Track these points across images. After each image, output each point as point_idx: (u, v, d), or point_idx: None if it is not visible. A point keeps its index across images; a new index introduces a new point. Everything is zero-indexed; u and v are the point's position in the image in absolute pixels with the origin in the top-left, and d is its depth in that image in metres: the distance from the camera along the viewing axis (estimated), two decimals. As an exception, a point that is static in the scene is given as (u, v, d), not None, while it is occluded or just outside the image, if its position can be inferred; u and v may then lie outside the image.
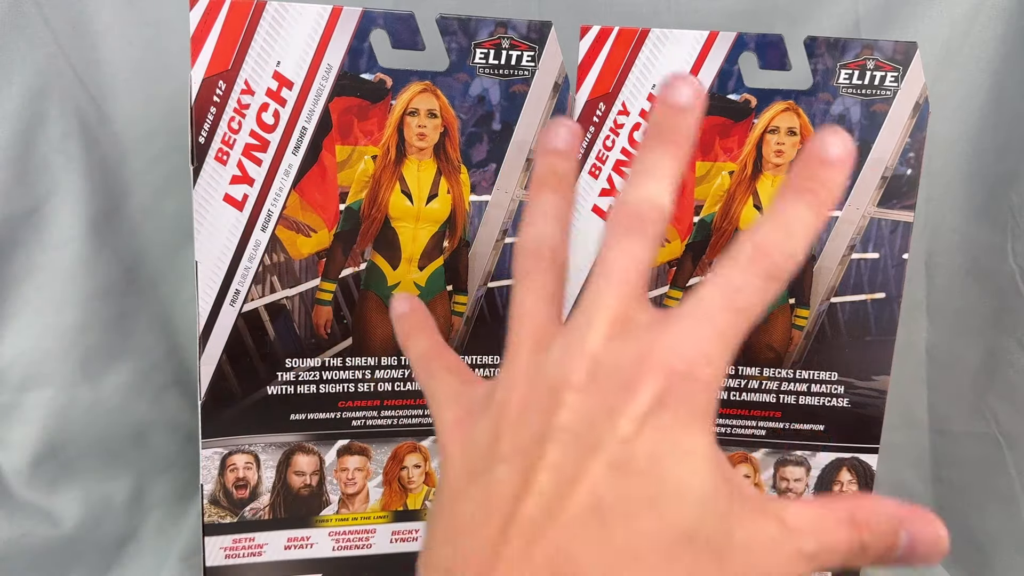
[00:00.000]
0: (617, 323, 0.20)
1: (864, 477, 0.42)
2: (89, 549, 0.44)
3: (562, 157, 0.24)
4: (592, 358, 0.20)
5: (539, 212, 0.23)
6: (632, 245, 0.21)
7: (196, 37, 0.35)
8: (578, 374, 0.20)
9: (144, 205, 0.46)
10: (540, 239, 0.23)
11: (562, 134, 0.24)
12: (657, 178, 0.21)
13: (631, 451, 0.19)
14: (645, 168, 0.21)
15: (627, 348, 0.20)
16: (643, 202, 0.21)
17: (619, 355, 0.20)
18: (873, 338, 0.41)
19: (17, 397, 0.43)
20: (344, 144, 0.37)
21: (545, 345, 0.21)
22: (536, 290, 0.23)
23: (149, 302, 0.48)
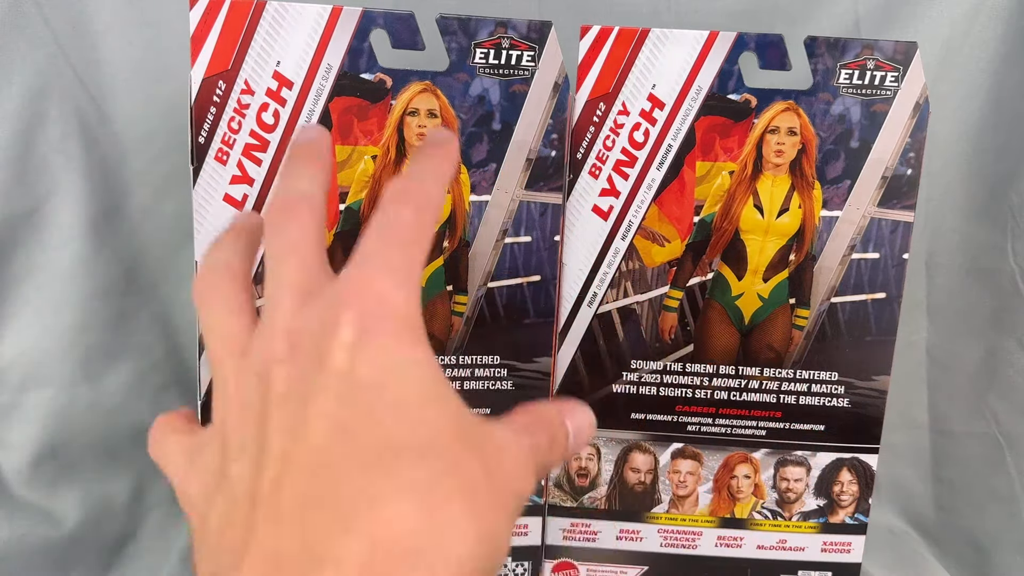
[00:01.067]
0: (302, 293, 0.21)
1: (864, 477, 0.42)
2: (89, 549, 0.45)
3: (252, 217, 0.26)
4: (287, 330, 0.20)
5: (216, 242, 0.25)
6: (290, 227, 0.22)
7: (196, 37, 0.35)
8: (279, 349, 0.20)
9: (144, 205, 0.46)
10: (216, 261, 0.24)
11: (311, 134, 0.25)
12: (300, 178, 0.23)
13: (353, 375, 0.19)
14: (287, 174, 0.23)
15: (317, 307, 0.20)
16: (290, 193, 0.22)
17: (312, 316, 0.20)
18: (873, 338, 0.41)
19: (17, 397, 0.43)
20: (344, 144, 0.37)
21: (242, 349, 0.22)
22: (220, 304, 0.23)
23: (149, 302, 0.48)
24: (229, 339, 0.22)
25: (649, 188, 0.40)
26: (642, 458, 0.43)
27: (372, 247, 0.21)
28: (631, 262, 0.40)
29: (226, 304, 0.23)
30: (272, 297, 0.21)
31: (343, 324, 0.19)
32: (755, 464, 0.42)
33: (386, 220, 0.21)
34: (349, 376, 0.19)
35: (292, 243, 0.22)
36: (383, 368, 0.19)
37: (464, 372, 0.40)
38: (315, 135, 0.24)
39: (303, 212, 0.22)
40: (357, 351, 0.19)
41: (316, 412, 0.19)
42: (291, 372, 0.20)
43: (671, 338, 0.41)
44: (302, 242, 0.22)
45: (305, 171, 0.23)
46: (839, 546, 0.43)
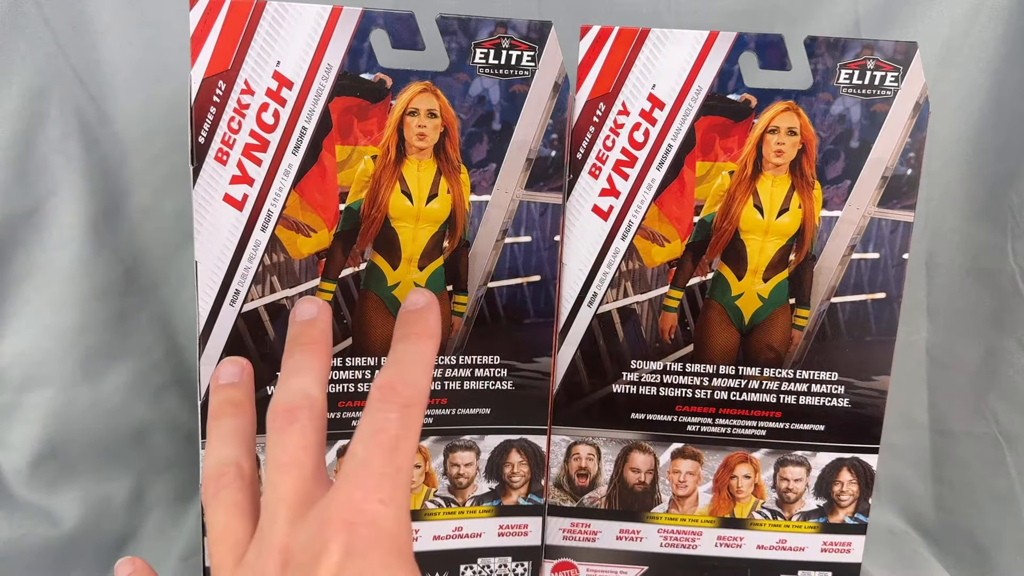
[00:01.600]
0: (297, 507, 0.22)
1: (864, 477, 0.42)
2: (89, 549, 0.45)
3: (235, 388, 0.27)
4: (281, 549, 0.22)
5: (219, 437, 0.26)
6: (292, 435, 0.23)
7: (196, 37, 0.35)
8: (271, 568, 0.21)
9: (144, 205, 0.46)
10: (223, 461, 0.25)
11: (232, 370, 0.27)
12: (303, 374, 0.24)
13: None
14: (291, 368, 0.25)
15: (309, 525, 0.21)
16: (294, 395, 0.24)
17: (304, 534, 0.21)
18: (873, 338, 0.41)
19: (17, 397, 0.43)
20: (344, 144, 0.37)
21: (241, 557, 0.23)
22: (228, 508, 0.24)
23: (149, 302, 0.48)
24: (233, 545, 0.23)
25: (649, 188, 0.40)
26: (642, 458, 0.43)
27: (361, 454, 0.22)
28: (631, 262, 0.40)
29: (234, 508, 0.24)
30: (269, 508, 0.23)
31: (331, 548, 0.20)
32: (755, 464, 0.42)
33: (373, 425, 0.23)
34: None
35: (292, 455, 0.23)
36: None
37: (464, 372, 0.40)
38: (315, 312, 0.26)
39: (304, 419, 0.23)
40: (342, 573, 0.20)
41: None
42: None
43: (671, 338, 0.41)
44: (302, 453, 0.23)
45: (306, 364, 0.25)
46: (839, 546, 0.43)
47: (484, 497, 0.42)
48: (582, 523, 0.43)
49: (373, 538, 0.21)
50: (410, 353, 0.25)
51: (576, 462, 0.42)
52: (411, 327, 0.26)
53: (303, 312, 0.27)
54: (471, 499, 0.42)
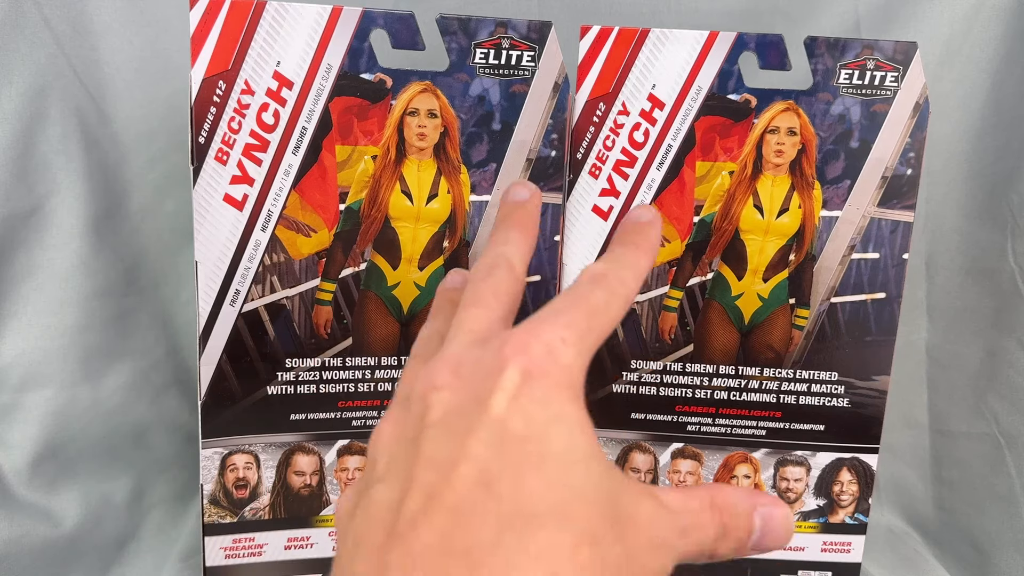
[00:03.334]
0: (477, 334, 0.22)
1: (864, 477, 0.42)
2: (89, 549, 0.44)
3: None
4: (453, 360, 0.21)
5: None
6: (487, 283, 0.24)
7: (196, 37, 0.35)
8: (441, 376, 0.21)
9: (144, 205, 0.46)
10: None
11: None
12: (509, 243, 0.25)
13: (507, 424, 0.19)
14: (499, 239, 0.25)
15: (489, 347, 0.21)
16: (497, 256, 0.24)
17: (481, 353, 0.21)
18: (873, 338, 0.41)
19: (17, 397, 0.43)
20: (344, 144, 0.37)
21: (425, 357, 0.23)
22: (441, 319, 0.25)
23: (149, 302, 0.48)
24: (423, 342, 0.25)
25: (649, 188, 0.40)
26: (642, 458, 0.43)
27: (558, 306, 0.22)
28: (631, 262, 0.40)
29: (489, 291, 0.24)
30: (450, 335, 0.22)
31: (508, 367, 0.20)
32: (755, 464, 0.42)
33: (578, 291, 0.22)
34: (503, 424, 0.19)
35: (481, 295, 0.23)
36: (536, 421, 0.20)
37: (464, 372, 0.40)
38: (527, 195, 0.27)
39: (500, 273, 0.24)
40: (516, 399, 0.20)
41: (465, 455, 0.19)
42: (450, 401, 0.20)
43: (671, 338, 0.41)
44: (491, 297, 0.23)
45: (513, 237, 0.25)
46: (839, 546, 0.43)
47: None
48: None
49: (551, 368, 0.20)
50: (628, 257, 0.24)
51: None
52: (633, 236, 0.25)
53: (516, 193, 0.27)
54: (471, 499, 0.42)
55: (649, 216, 0.26)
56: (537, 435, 0.19)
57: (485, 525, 0.18)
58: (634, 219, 0.26)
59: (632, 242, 0.25)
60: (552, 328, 0.21)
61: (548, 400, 0.20)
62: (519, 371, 0.20)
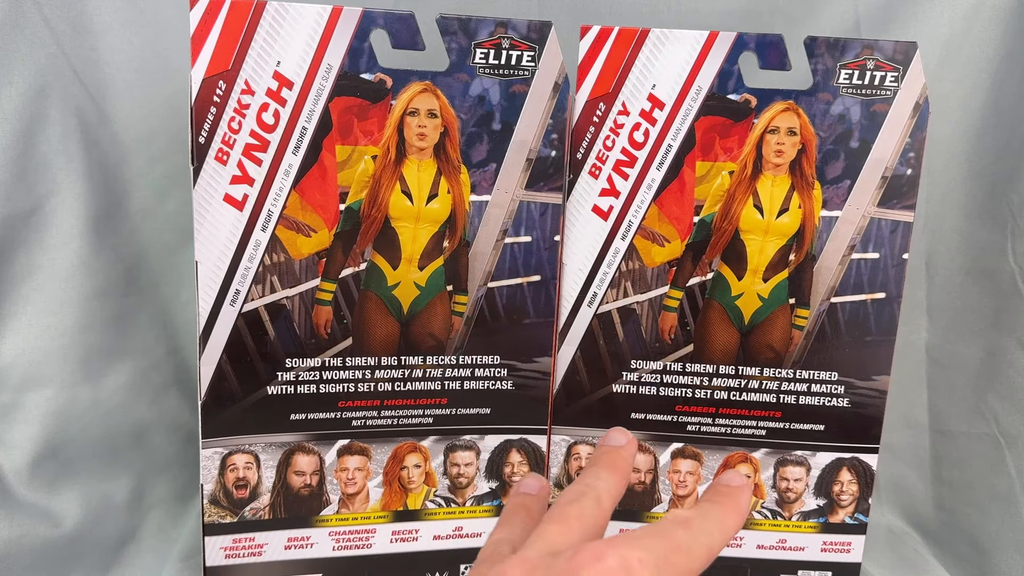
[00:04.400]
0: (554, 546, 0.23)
1: (864, 477, 0.42)
2: (89, 549, 0.44)
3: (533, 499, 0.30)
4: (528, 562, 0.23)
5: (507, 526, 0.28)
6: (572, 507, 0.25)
7: (196, 37, 0.35)
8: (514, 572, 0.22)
9: (144, 205, 0.46)
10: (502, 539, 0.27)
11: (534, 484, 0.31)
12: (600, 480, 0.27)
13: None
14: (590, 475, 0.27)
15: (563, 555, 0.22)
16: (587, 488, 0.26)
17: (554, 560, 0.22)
18: (873, 338, 0.41)
19: (17, 397, 0.43)
20: (344, 144, 0.37)
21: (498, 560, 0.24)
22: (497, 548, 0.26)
23: (149, 302, 0.48)
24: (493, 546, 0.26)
25: (649, 188, 0.40)
26: (642, 458, 0.43)
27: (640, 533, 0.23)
28: (631, 262, 0.40)
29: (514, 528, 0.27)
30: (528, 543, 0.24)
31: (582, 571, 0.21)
32: (755, 464, 0.42)
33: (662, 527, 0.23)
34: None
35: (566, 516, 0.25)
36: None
37: (464, 372, 0.40)
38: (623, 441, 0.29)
39: (587, 501, 0.26)
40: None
41: None
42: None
43: (671, 338, 0.41)
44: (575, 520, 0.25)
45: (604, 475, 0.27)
46: (839, 546, 0.43)
47: (484, 497, 0.42)
48: (582, 523, 0.43)
49: None
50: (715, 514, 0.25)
51: (576, 462, 0.42)
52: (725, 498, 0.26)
53: (614, 440, 0.30)
54: (471, 499, 0.42)
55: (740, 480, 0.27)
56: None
57: None
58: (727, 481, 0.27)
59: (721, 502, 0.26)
60: (630, 547, 0.22)
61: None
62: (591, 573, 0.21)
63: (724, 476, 0.28)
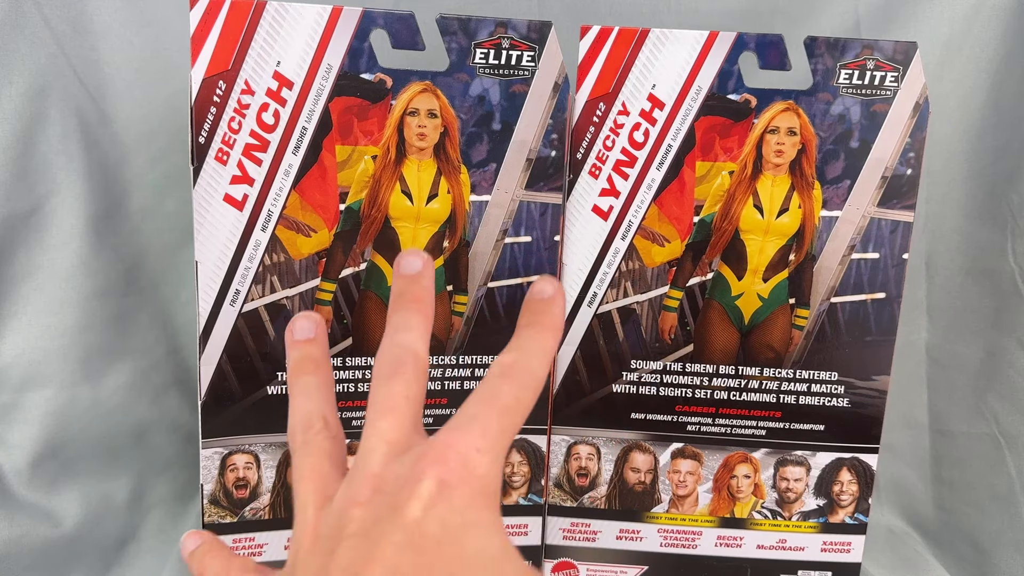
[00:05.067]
0: (395, 445, 0.23)
1: (864, 477, 0.42)
2: (89, 549, 0.44)
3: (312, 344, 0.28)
4: (374, 476, 0.22)
5: (303, 393, 0.27)
6: (396, 384, 0.24)
7: (196, 37, 0.35)
8: (363, 492, 0.22)
9: (144, 205, 0.46)
10: (310, 414, 0.26)
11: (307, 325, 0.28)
12: (409, 330, 0.25)
13: (421, 527, 0.20)
14: (397, 324, 0.25)
15: (406, 460, 0.22)
16: (401, 348, 0.25)
17: (399, 467, 0.22)
18: (873, 338, 0.41)
19: (17, 397, 0.43)
20: (344, 144, 0.37)
21: (329, 495, 0.23)
22: (315, 453, 0.25)
23: (149, 302, 0.48)
24: (322, 485, 0.24)
25: (649, 188, 0.40)
26: (642, 458, 0.43)
27: (471, 412, 0.23)
28: (631, 262, 0.40)
29: (323, 453, 0.25)
30: (366, 446, 0.23)
31: (425, 478, 0.21)
32: (755, 464, 0.42)
33: (488, 392, 0.23)
34: (417, 527, 0.20)
35: (394, 400, 0.24)
36: (451, 526, 0.21)
37: (464, 372, 0.40)
38: (419, 267, 0.26)
39: (408, 370, 0.24)
40: (431, 506, 0.21)
41: (379, 555, 0.20)
42: (367, 514, 0.21)
43: (671, 338, 0.41)
44: (404, 401, 0.24)
45: (413, 320, 0.25)
46: (839, 546, 0.43)
47: (484, 497, 0.42)
48: (582, 523, 0.43)
49: (467, 477, 0.21)
50: (534, 341, 0.25)
51: (576, 462, 0.42)
52: (538, 316, 0.26)
53: (408, 266, 0.27)
54: (471, 499, 0.42)
55: (551, 291, 0.26)
56: (451, 538, 0.20)
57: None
58: (536, 295, 0.26)
59: (536, 322, 0.25)
60: (467, 438, 0.22)
61: (464, 507, 0.21)
62: (435, 481, 0.21)
63: (535, 286, 0.26)
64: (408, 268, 0.27)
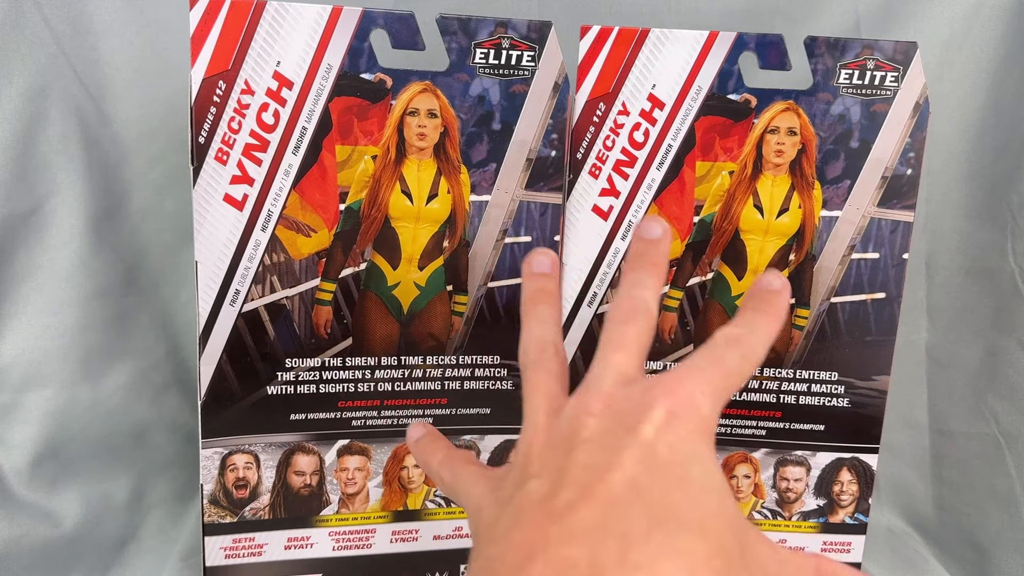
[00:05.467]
0: (624, 376, 0.25)
1: (864, 477, 0.42)
2: (89, 549, 0.44)
3: (548, 278, 0.30)
4: (606, 395, 0.24)
5: (537, 320, 0.29)
6: (631, 327, 0.26)
7: (196, 37, 0.35)
8: (595, 405, 0.24)
9: (144, 205, 0.46)
10: (544, 339, 0.28)
11: (544, 260, 0.30)
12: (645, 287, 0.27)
13: (654, 447, 0.22)
14: (634, 280, 0.27)
15: (636, 388, 0.24)
16: (636, 300, 0.27)
17: (629, 392, 0.24)
18: (873, 338, 0.41)
19: (17, 397, 0.43)
20: (344, 144, 0.37)
21: (559, 408, 0.25)
22: (547, 370, 0.27)
23: (149, 302, 0.48)
24: (550, 396, 0.26)
25: (649, 188, 0.40)
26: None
27: (700, 363, 0.24)
28: (631, 262, 0.40)
29: (553, 372, 0.27)
30: (596, 373, 0.25)
31: (657, 406, 0.23)
32: (755, 464, 0.42)
33: (713, 353, 0.25)
34: (651, 447, 0.22)
35: (627, 339, 0.26)
36: (679, 452, 0.22)
37: (464, 372, 0.40)
38: (660, 233, 0.28)
39: (642, 319, 0.26)
40: (662, 431, 0.22)
41: (618, 463, 0.22)
42: (600, 425, 0.23)
43: (671, 338, 0.41)
44: (635, 341, 0.26)
45: (648, 280, 0.27)
46: (839, 546, 0.43)
47: (484, 497, 0.42)
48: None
49: (693, 413, 0.23)
50: (761, 324, 0.26)
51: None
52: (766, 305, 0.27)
53: (649, 230, 0.28)
54: (471, 499, 0.42)
55: (779, 284, 0.27)
56: (680, 462, 0.22)
57: (638, 518, 0.20)
58: (765, 286, 0.27)
59: (764, 309, 0.27)
60: (695, 382, 0.23)
61: (689, 438, 0.22)
62: (665, 410, 0.22)
63: (763, 278, 0.27)
64: (649, 232, 0.28)
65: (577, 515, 0.21)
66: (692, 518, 0.21)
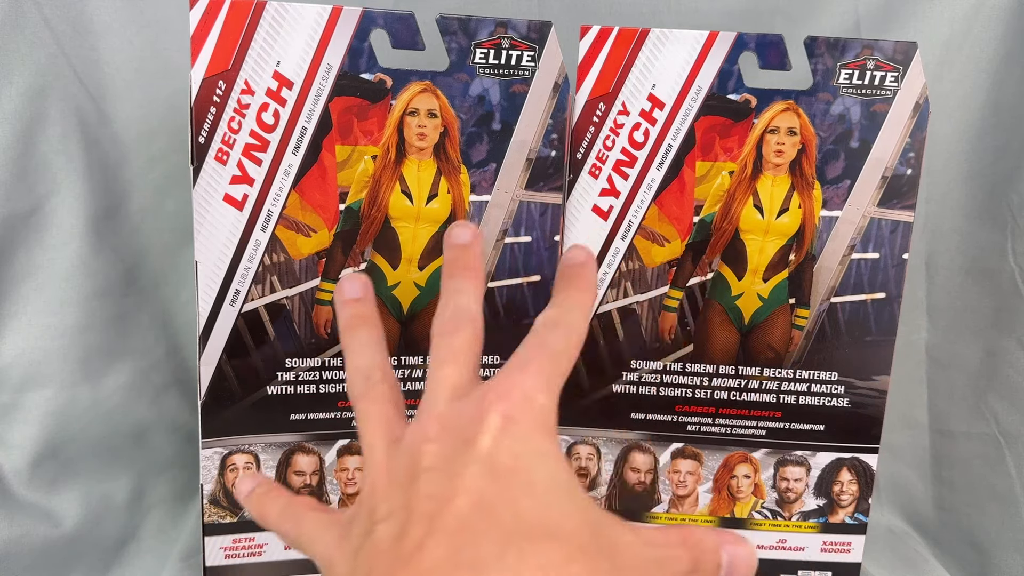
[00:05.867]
0: (457, 390, 0.24)
1: (864, 477, 0.42)
2: (89, 549, 0.44)
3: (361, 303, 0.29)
4: (441, 415, 0.24)
5: (358, 348, 0.28)
6: (455, 339, 0.26)
7: (196, 37, 0.35)
8: (431, 430, 0.23)
9: (144, 205, 0.46)
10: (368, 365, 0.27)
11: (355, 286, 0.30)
12: (465, 293, 0.27)
13: (495, 458, 0.22)
14: (453, 288, 0.27)
15: (469, 401, 0.24)
16: (458, 309, 0.27)
17: (463, 407, 0.24)
18: (873, 338, 0.41)
19: (17, 397, 0.43)
20: (344, 144, 0.37)
21: (398, 438, 0.25)
22: (378, 399, 0.26)
23: (149, 302, 0.48)
24: (386, 425, 0.26)
25: (649, 188, 0.40)
26: (642, 458, 0.43)
27: (527, 354, 0.25)
28: (631, 262, 0.40)
29: (385, 399, 0.26)
30: (430, 391, 0.25)
31: (492, 413, 0.23)
32: (755, 464, 0.42)
33: (537, 341, 0.25)
34: (492, 458, 0.22)
35: (454, 352, 0.26)
36: (521, 455, 0.22)
37: (464, 372, 0.40)
38: (469, 237, 0.29)
39: (467, 328, 0.26)
40: (500, 438, 0.22)
41: (461, 485, 0.21)
42: (440, 449, 0.23)
43: (671, 338, 0.41)
44: (463, 352, 0.26)
45: (468, 286, 0.27)
46: (839, 546, 0.43)
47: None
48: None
49: (528, 411, 0.23)
50: (572, 299, 0.27)
51: (576, 462, 0.42)
52: (573, 280, 0.27)
53: (459, 236, 0.29)
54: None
55: (583, 257, 0.28)
56: (523, 467, 0.22)
57: (488, 542, 0.20)
58: (570, 261, 0.28)
59: (571, 285, 0.27)
60: (524, 376, 0.24)
61: (528, 438, 0.22)
62: (500, 416, 0.22)
63: (567, 254, 0.28)
64: (459, 239, 0.29)
65: (426, 554, 0.20)
66: (544, 525, 0.21)
